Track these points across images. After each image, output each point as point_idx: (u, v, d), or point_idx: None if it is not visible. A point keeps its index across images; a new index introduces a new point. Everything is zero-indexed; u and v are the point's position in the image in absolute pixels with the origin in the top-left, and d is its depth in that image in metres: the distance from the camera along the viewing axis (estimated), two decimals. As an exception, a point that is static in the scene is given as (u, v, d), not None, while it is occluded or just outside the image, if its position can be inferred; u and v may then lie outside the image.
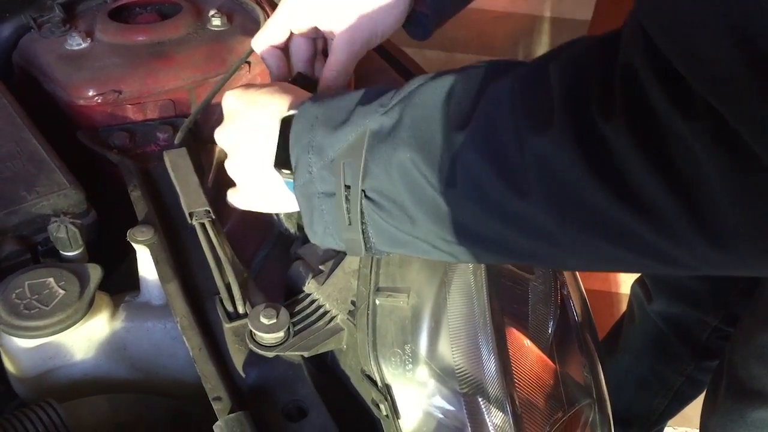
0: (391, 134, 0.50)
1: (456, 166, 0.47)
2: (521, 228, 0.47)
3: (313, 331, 0.65)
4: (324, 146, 0.54)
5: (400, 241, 0.54)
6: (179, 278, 0.68)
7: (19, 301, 0.63)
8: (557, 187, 0.43)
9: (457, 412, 0.62)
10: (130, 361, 0.72)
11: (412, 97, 0.51)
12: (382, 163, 0.51)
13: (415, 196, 0.50)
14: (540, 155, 0.43)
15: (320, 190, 0.55)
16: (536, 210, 0.45)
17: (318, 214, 0.56)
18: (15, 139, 0.76)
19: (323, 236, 0.58)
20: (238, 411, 0.58)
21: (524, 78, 0.46)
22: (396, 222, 0.52)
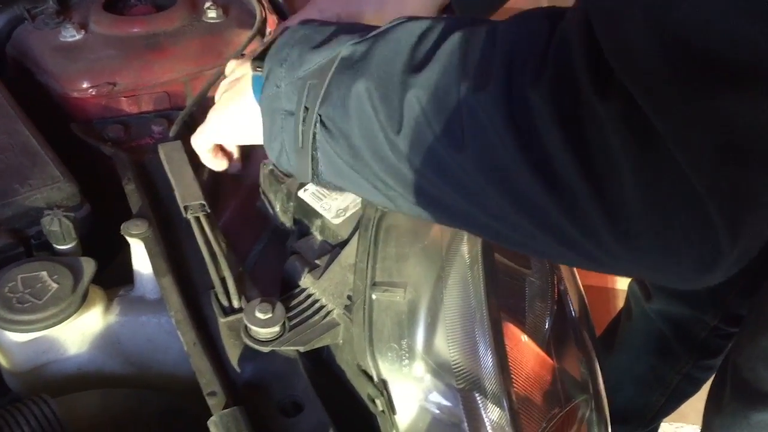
0: (358, 62, 0.51)
1: (404, 106, 0.48)
2: (456, 185, 0.47)
3: (309, 326, 0.65)
4: (296, 63, 0.55)
5: (344, 173, 0.55)
6: (174, 272, 0.67)
7: (12, 295, 0.62)
8: (486, 147, 0.44)
9: (453, 407, 0.62)
10: (124, 355, 0.71)
11: (388, 32, 0.52)
12: (341, 89, 0.51)
13: (362, 130, 0.51)
14: (474, 110, 0.44)
15: (284, 107, 0.56)
16: (469, 167, 0.45)
17: (277, 131, 0.57)
18: (8, 132, 0.75)
19: (279, 155, 0.58)
20: (232, 406, 0.57)
21: (477, 35, 0.47)
22: (343, 153, 0.53)
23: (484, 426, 0.62)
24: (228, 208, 0.88)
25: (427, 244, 0.65)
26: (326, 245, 0.71)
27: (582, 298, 0.88)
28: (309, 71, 0.54)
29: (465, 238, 0.65)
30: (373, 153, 0.51)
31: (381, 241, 0.65)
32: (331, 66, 0.52)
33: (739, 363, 0.99)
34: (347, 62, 0.52)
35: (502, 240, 0.52)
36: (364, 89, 0.50)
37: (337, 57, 0.52)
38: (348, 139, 0.52)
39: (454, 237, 0.65)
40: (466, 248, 0.65)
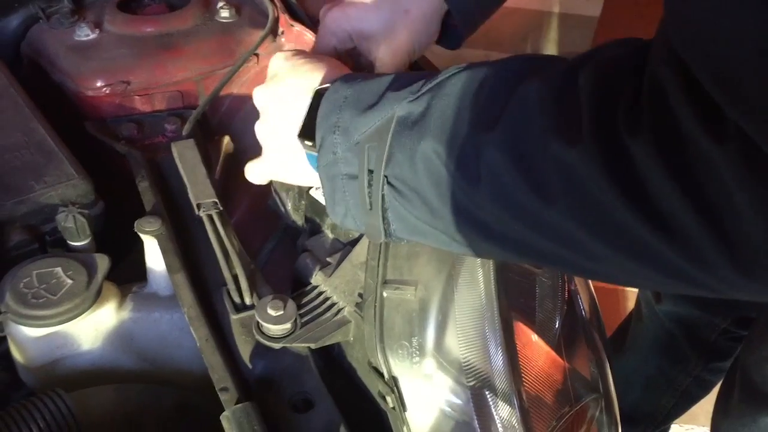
0: (418, 122, 0.50)
1: (480, 164, 0.46)
2: (544, 232, 0.46)
3: (320, 323, 0.65)
4: (350, 128, 0.53)
5: (419, 230, 0.54)
6: (186, 269, 0.68)
7: (27, 291, 0.63)
8: (581, 199, 0.42)
9: (464, 405, 0.62)
10: (137, 351, 0.72)
11: (443, 87, 0.50)
12: (406, 151, 0.50)
13: (437, 189, 0.49)
14: (566, 165, 0.42)
15: (344, 171, 0.55)
16: (560, 218, 0.44)
17: (340, 195, 0.56)
18: (23, 130, 0.76)
19: (344, 217, 0.58)
20: (244, 402, 0.58)
21: (554, 82, 0.45)
22: (417, 211, 0.52)
23: (494, 424, 0.62)
24: (240, 206, 0.89)
25: (437, 242, 0.66)
26: (337, 243, 0.71)
27: (592, 297, 0.88)
28: (365, 135, 0.53)
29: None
30: (454, 210, 0.49)
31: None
32: (389, 127, 0.51)
33: (747, 365, 0.99)
34: (406, 123, 0.51)
35: (597, 277, 0.52)
36: (432, 151, 0.48)
37: (393, 118, 0.51)
38: (423, 198, 0.51)
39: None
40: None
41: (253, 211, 0.89)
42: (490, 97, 0.48)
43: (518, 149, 0.45)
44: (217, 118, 0.90)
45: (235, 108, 0.91)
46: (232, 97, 0.90)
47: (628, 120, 0.40)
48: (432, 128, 0.49)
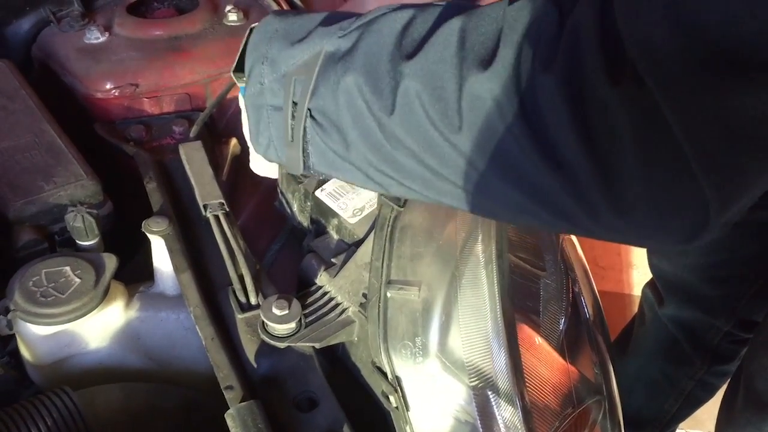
0: (344, 57, 0.52)
1: (397, 93, 0.48)
2: (446, 162, 0.48)
3: (325, 323, 0.66)
4: (278, 60, 0.55)
5: (336, 164, 0.56)
6: (193, 269, 0.69)
7: (36, 289, 0.64)
8: (485, 126, 0.45)
9: (466, 405, 0.63)
10: (143, 350, 0.72)
11: (372, 23, 0.52)
12: (330, 84, 0.52)
13: (354, 121, 0.51)
14: (475, 93, 0.45)
15: (269, 102, 0.57)
16: (464, 145, 0.46)
17: (264, 126, 0.58)
18: (34, 131, 0.77)
19: (266, 148, 0.60)
20: (249, 400, 0.58)
21: (477, 18, 0.47)
22: (335, 145, 0.54)
23: (497, 424, 0.62)
24: (246, 207, 0.90)
25: (441, 243, 0.66)
26: (342, 244, 0.72)
27: (596, 300, 0.88)
28: (293, 67, 0.54)
29: (479, 237, 0.65)
30: (367, 143, 0.52)
31: (396, 240, 0.66)
32: (317, 61, 0.53)
33: (751, 373, 0.99)
34: (333, 57, 0.53)
35: (491, 215, 0.55)
36: (354, 83, 0.50)
37: (322, 52, 0.53)
38: (341, 131, 0.53)
39: (468, 237, 0.66)
40: (481, 248, 0.65)
41: (260, 212, 0.90)
42: (414, 33, 0.50)
43: (433, 78, 0.47)
44: (225, 121, 0.91)
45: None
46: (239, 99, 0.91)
47: (544, 56, 0.42)
48: (356, 62, 0.51)
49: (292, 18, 0.57)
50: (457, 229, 0.67)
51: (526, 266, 0.83)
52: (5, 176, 0.72)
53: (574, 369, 0.76)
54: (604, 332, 0.87)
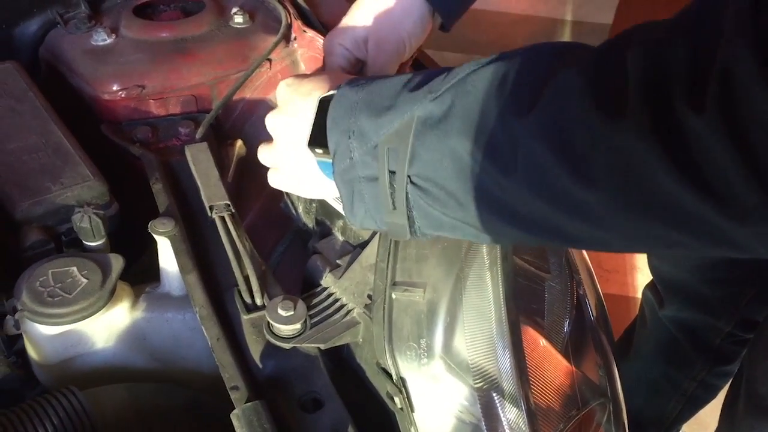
0: (441, 121, 0.51)
1: (517, 153, 0.47)
2: (579, 214, 0.47)
3: (330, 324, 0.66)
4: (366, 131, 0.54)
5: (446, 224, 0.55)
6: (198, 269, 0.69)
7: (43, 289, 0.64)
8: (628, 176, 0.43)
9: (471, 406, 0.63)
10: (149, 351, 0.73)
11: (464, 84, 0.51)
12: (431, 150, 0.51)
13: (465, 183, 0.50)
14: (612, 145, 0.43)
15: (362, 174, 0.56)
16: (600, 198, 0.45)
17: (359, 198, 0.57)
18: (41, 132, 0.77)
19: (363, 219, 0.58)
20: (254, 400, 0.59)
21: (596, 65, 0.45)
22: (444, 208, 0.53)
23: (501, 425, 0.63)
24: (252, 208, 0.90)
25: (446, 245, 0.66)
26: (347, 246, 0.72)
27: (601, 302, 0.88)
28: (383, 137, 0.53)
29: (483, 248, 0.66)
30: (485, 203, 0.51)
31: (402, 242, 0.67)
32: (410, 129, 0.52)
33: (753, 377, 0.98)
34: (428, 123, 0.51)
35: (631, 250, 0.56)
36: (460, 147, 0.49)
37: (414, 118, 0.52)
38: (449, 193, 0.52)
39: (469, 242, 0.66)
40: (486, 250, 0.65)
41: (265, 213, 0.90)
42: (520, 87, 0.48)
43: (558, 134, 0.45)
44: (230, 122, 0.91)
45: (248, 112, 0.92)
46: (245, 102, 0.92)
47: (689, 95, 0.40)
48: (458, 125, 0.50)
49: (369, 86, 0.56)
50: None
51: (530, 268, 0.84)
52: (13, 177, 0.72)
53: (578, 371, 0.76)
54: (608, 335, 0.87)
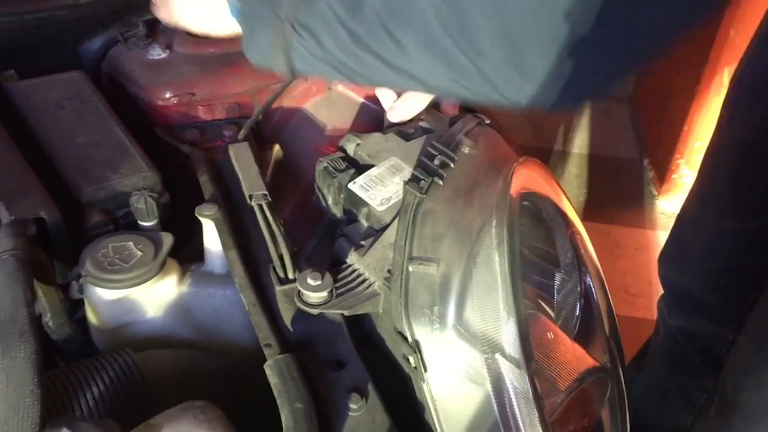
0: None
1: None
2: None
3: (353, 295, 0.74)
4: None
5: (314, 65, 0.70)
6: (238, 248, 0.78)
7: (104, 259, 0.74)
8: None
9: (478, 368, 0.70)
10: (193, 323, 0.81)
11: None
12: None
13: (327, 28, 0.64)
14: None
15: (260, 16, 0.70)
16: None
17: (255, 38, 0.73)
18: (104, 131, 0.88)
19: (259, 57, 0.75)
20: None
21: None
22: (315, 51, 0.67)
23: (506, 387, 0.69)
24: (286, 207, 0.99)
25: (459, 227, 0.74)
26: (371, 230, 0.80)
27: (606, 295, 0.94)
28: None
29: (494, 223, 0.73)
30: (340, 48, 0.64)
31: (419, 222, 0.75)
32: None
33: (723, 378, 1.01)
34: None
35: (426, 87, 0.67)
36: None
37: None
38: (316, 37, 0.66)
39: (484, 221, 0.74)
40: (495, 231, 0.73)
41: (299, 211, 0.99)
42: None
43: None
44: (269, 128, 1.01)
45: (284, 120, 1.02)
46: (283, 110, 1.01)
47: None
48: None
49: None
50: (474, 215, 0.75)
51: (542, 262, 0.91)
52: (80, 166, 0.82)
53: (582, 349, 0.82)
54: (613, 326, 0.93)
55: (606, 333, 0.92)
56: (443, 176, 0.78)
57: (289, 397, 0.64)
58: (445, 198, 0.77)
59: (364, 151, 0.87)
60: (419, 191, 0.76)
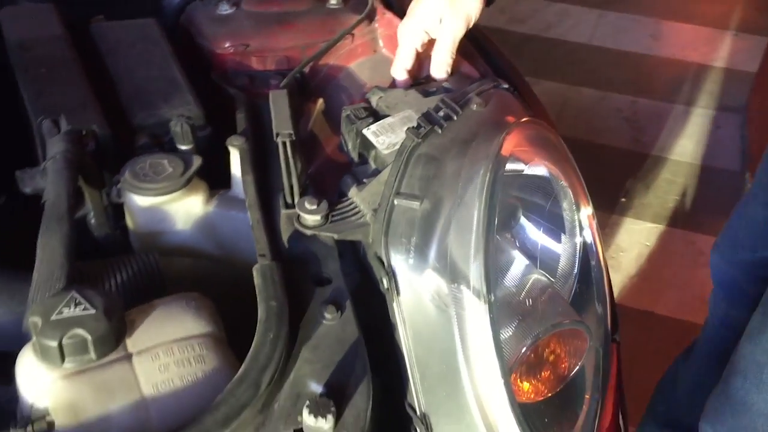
0: None
1: None
2: None
3: (346, 222, 0.82)
4: None
5: None
6: (256, 175, 0.88)
7: (140, 171, 0.86)
8: None
9: (445, 296, 0.77)
10: (216, 240, 0.92)
11: None
12: None
13: None
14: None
15: None
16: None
17: None
18: (164, 69, 1.01)
19: None
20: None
21: None
22: None
23: (465, 314, 0.75)
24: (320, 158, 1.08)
25: (448, 172, 0.81)
26: (376, 171, 0.88)
27: (603, 261, 0.96)
28: None
29: (480, 171, 0.79)
30: None
31: (411, 164, 0.82)
32: None
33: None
34: None
35: None
36: None
37: None
38: None
39: (472, 170, 0.80)
40: (479, 180, 0.79)
41: (331, 163, 1.08)
42: None
43: None
44: (315, 83, 1.11)
45: (330, 76, 1.11)
46: (329, 67, 1.11)
47: None
48: None
49: None
50: (463, 163, 0.82)
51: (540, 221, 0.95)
52: (136, 95, 0.95)
53: (565, 302, 0.86)
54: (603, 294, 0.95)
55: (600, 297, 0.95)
56: (443, 126, 0.85)
57: (266, 296, 0.74)
58: (441, 145, 0.84)
59: (384, 103, 0.95)
60: (416, 136, 0.83)
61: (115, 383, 0.68)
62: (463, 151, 0.83)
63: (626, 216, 2.62)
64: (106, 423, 0.66)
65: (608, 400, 0.99)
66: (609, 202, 2.63)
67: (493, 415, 0.76)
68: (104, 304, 0.68)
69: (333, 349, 0.75)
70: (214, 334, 0.74)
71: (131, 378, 0.68)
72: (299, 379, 0.72)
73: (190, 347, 0.71)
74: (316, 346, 0.75)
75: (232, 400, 0.66)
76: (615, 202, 2.67)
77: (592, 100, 3.16)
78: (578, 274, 0.95)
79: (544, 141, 0.90)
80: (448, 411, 0.78)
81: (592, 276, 0.95)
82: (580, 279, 0.95)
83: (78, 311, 0.67)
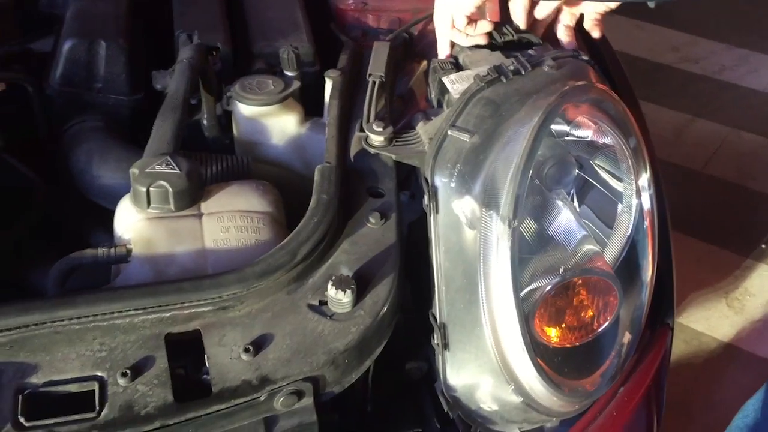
0: None
1: None
2: None
3: (406, 148, 0.93)
4: None
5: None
6: (343, 103, 1.01)
7: (248, 85, 1.02)
8: None
9: (475, 220, 0.85)
10: (305, 159, 1.06)
11: None
12: None
13: None
14: None
15: None
16: None
17: None
18: (289, 12, 1.17)
19: None
20: (335, 168, 0.89)
21: None
22: None
23: (493, 235, 0.84)
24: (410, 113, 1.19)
25: (502, 115, 0.90)
26: (443, 112, 0.99)
27: (655, 234, 0.99)
28: None
29: (535, 118, 0.87)
30: None
31: (471, 103, 0.92)
32: None
33: None
34: None
35: None
36: None
37: None
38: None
39: (524, 117, 0.89)
40: (528, 126, 0.87)
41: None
42: None
43: None
44: (421, 46, 1.23)
45: (435, 40, 1.23)
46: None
47: None
48: None
49: None
50: (519, 110, 0.90)
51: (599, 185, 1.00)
52: (260, 29, 1.12)
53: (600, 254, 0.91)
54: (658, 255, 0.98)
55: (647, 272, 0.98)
56: (509, 77, 0.94)
57: (320, 190, 0.87)
58: (504, 93, 0.93)
59: (469, 59, 1.05)
60: (481, 81, 0.93)
61: (185, 232, 0.83)
62: (523, 100, 0.92)
63: (762, 262, 2.51)
64: (170, 259, 0.81)
65: (641, 383, 1.02)
66: (747, 245, 2.54)
67: (501, 330, 0.83)
68: (188, 168, 0.84)
69: (369, 247, 0.86)
70: (273, 215, 0.87)
71: (198, 231, 0.83)
72: (335, 265, 0.84)
73: (249, 218, 0.85)
74: (356, 242, 0.86)
75: (270, 260, 0.79)
76: (754, 246, 2.56)
77: (754, 146, 3.03)
78: (629, 243, 0.99)
79: (610, 108, 0.96)
80: (463, 321, 0.86)
81: (644, 249, 0.99)
82: (630, 250, 0.99)
83: (167, 169, 0.83)
